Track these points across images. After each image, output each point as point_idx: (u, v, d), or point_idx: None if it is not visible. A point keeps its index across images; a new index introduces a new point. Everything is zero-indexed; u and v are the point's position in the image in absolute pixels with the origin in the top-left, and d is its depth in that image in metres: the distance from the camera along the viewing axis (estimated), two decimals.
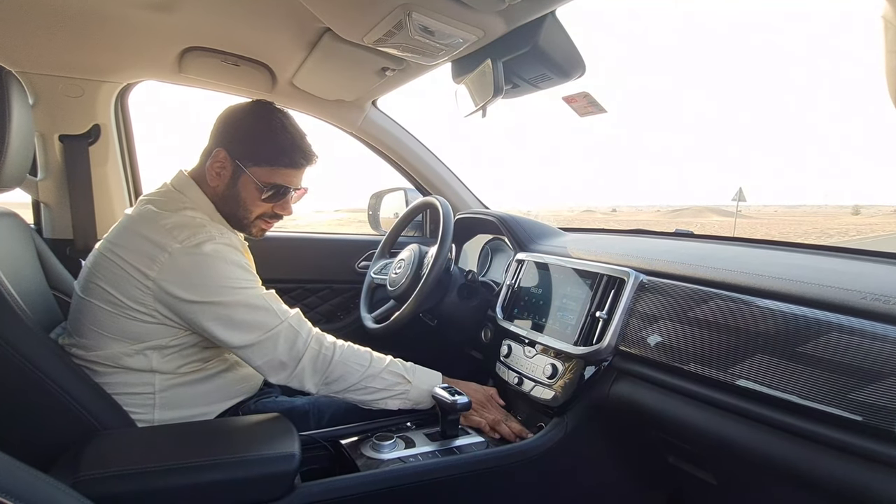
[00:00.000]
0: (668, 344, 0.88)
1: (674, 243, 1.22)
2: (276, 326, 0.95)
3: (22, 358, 0.79)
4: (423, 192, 1.83)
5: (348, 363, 1.00)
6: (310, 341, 0.98)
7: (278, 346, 0.95)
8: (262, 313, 0.95)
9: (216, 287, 0.92)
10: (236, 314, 0.93)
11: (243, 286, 0.95)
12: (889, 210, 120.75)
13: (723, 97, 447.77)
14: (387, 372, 1.03)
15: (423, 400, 1.07)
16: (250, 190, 1.02)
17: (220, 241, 0.94)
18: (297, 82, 1.45)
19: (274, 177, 1.02)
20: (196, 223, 0.95)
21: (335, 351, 1.00)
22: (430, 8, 0.89)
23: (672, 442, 0.95)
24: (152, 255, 0.90)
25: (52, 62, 1.35)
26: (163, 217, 0.95)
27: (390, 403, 1.05)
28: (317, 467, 1.01)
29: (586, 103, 1.10)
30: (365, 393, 1.02)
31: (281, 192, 1.04)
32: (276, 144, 1.02)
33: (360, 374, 1.00)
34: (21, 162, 0.94)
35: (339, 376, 0.99)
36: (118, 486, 0.72)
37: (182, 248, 0.91)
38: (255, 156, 1.01)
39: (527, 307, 1.21)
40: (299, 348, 0.96)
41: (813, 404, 0.68)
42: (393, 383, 1.04)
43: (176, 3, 1.07)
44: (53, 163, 1.46)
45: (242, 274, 0.96)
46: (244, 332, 0.93)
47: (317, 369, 0.98)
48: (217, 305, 0.92)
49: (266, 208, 1.05)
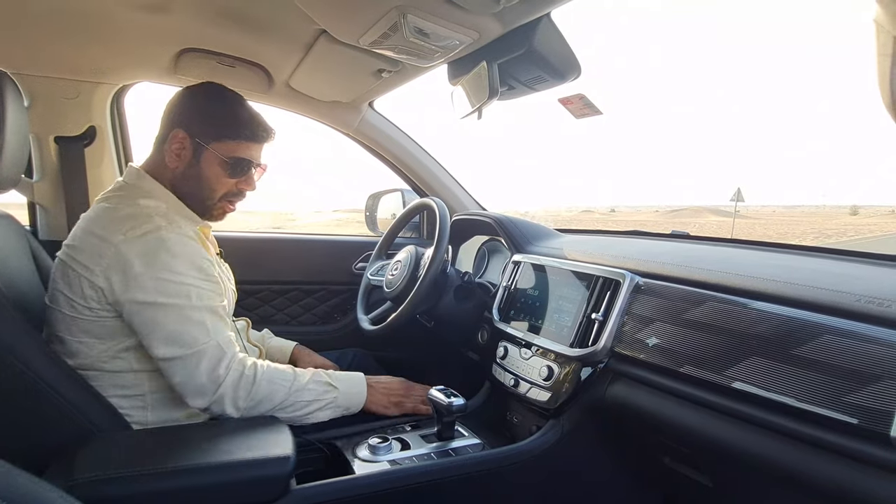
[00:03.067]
0: (663, 346, 0.88)
1: (670, 245, 1.22)
2: (203, 344, 0.89)
3: (16, 360, 0.78)
4: (420, 194, 1.83)
5: (273, 381, 0.95)
6: (232, 364, 0.92)
7: (201, 366, 0.89)
8: (193, 326, 0.89)
9: (154, 283, 0.88)
10: (167, 320, 0.88)
11: (184, 283, 0.90)
12: (887, 210, 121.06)
13: (723, 97, 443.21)
14: (312, 383, 1.00)
15: (353, 404, 1.05)
16: (213, 167, 1.00)
17: (168, 231, 0.91)
18: (293, 84, 1.45)
19: (237, 151, 1.01)
20: (145, 213, 0.93)
21: (257, 371, 0.94)
22: (425, 10, 0.89)
23: (668, 444, 0.95)
24: (100, 250, 0.89)
25: (48, 63, 1.35)
26: (114, 211, 0.93)
27: (320, 415, 1.01)
28: (312, 469, 1.01)
29: (582, 105, 1.10)
30: (294, 409, 0.97)
31: (245, 167, 1.03)
32: (237, 118, 1.01)
33: (287, 389, 0.96)
34: (16, 163, 0.94)
35: (266, 395, 0.94)
36: (113, 490, 0.72)
37: (125, 238, 0.88)
38: (216, 131, 0.99)
39: (523, 309, 1.21)
40: (220, 372, 0.90)
41: (808, 407, 0.68)
42: (321, 392, 1.00)
43: (172, 4, 1.06)
44: (49, 164, 1.46)
45: (185, 269, 0.91)
46: (169, 344, 0.88)
47: (239, 394, 0.92)
48: (151, 307, 0.88)
49: (230, 185, 1.03)
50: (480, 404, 1.29)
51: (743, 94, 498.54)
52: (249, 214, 38.54)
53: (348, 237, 2.00)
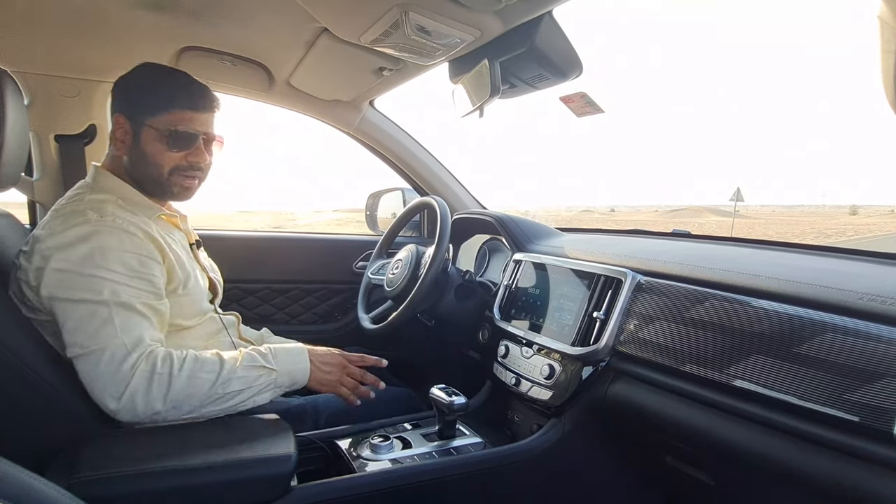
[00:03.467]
0: (665, 344, 0.88)
1: (671, 244, 1.22)
2: (105, 341, 0.83)
3: (17, 358, 0.78)
4: (421, 193, 1.83)
5: (194, 375, 0.86)
6: (139, 363, 0.83)
7: (101, 365, 0.82)
8: (98, 323, 0.83)
9: (64, 277, 0.84)
10: (73, 316, 0.84)
11: (97, 276, 0.85)
12: (886, 210, 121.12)
13: (723, 97, 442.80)
14: (242, 369, 0.91)
15: (297, 379, 0.97)
16: (154, 143, 0.97)
17: (95, 224, 0.88)
18: (294, 82, 1.45)
19: (174, 122, 0.97)
20: (79, 209, 0.90)
21: (173, 366, 0.85)
22: (427, 8, 0.89)
23: (670, 443, 0.95)
24: (33, 248, 0.88)
25: (48, 61, 1.34)
26: (55, 211, 0.92)
27: (259, 399, 0.93)
28: (313, 468, 1.00)
29: (583, 103, 1.10)
30: (224, 400, 0.89)
31: (185, 136, 0.98)
32: (168, 88, 0.98)
33: (211, 382, 0.87)
34: (16, 162, 0.93)
35: (187, 394, 0.85)
36: (114, 488, 0.72)
37: (51, 234, 0.87)
38: (150, 107, 0.97)
39: (524, 307, 1.21)
40: (125, 372, 0.82)
41: (810, 405, 0.68)
42: (254, 378, 0.91)
43: (173, 2, 1.06)
44: (49, 163, 1.45)
45: (104, 262, 0.85)
46: (73, 342, 0.83)
47: (152, 394, 0.83)
48: (60, 302, 0.84)
49: (177, 159, 0.99)
50: (481, 403, 1.29)
51: (743, 94, 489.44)
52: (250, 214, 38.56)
53: (349, 236, 2.00)
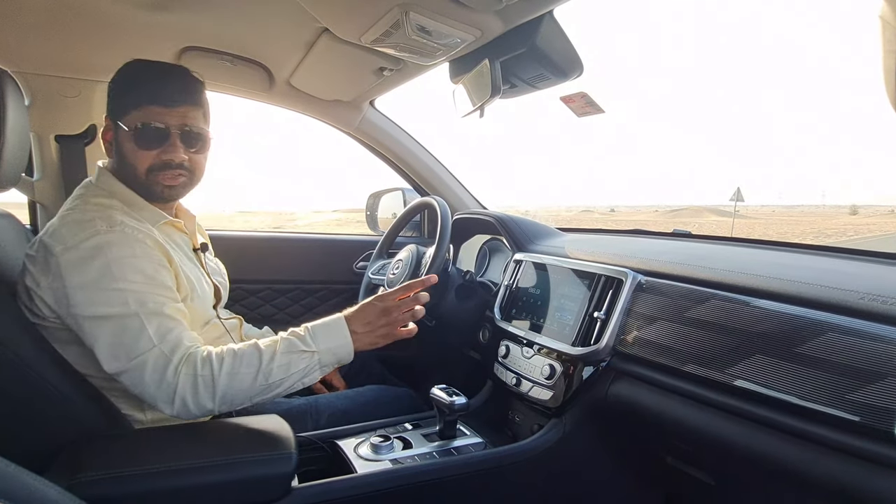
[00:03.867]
0: (666, 344, 0.88)
1: (672, 243, 1.22)
2: (144, 353, 0.82)
3: (17, 359, 0.78)
4: (421, 193, 1.83)
5: (235, 373, 0.85)
6: (181, 368, 0.83)
7: (145, 377, 0.82)
8: (131, 334, 0.82)
9: (89, 295, 0.83)
10: (106, 333, 0.82)
11: (120, 289, 0.83)
12: (886, 210, 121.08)
13: (722, 97, 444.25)
14: (281, 356, 0.88)
15: (341, 355, 0.93)
16: (126, 142, 0.93)
17: (105, 234, 0.86)
18: (294, 82, 1.45)
19: (142, 118, 0.93)
20: (86, 217, 0.88)
21: (213, 367, 0.84)
22: (428, 8, 0.89)
23: (670, 442, 0.95)
24: (45, 261, 0.85)
25: (48, 62, 1.34)
26: (62, 218, 0.90)
27: (307, 380, 0.90)
28: (314, 469, 1.00)
29: (584, 103, 1.10)
30: (271, 389, 0.87)
31: (153, 133, 0.93)
32: (139, 83, 0.94)
33: (254, 374, 0.86)
34: (17, 162, 0.93)
35: (234, 391, 0.85)
36: (114, 489, 0.72)
37: (64, 248, 0.84)
38: (122, 105, 0.94)
39: (525, 308, 1.21)
40: (169, 380, 0.82)
41: (811, 405, 0.68)
42: (295, 363, 0.88)
43: (173, 2, 1.06)
44: (49, 163, 1.45)
45: (122, 273, 0.84)
46: (110, 357, 0.83)
47: (200, 396, 0.83)
48: (89, 321, 0.83)
49: (150, 158, 0.94)
50: (482, 403, 1.29)
51: (743, 94, 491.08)
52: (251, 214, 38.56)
53: (349, 236, 2.00)
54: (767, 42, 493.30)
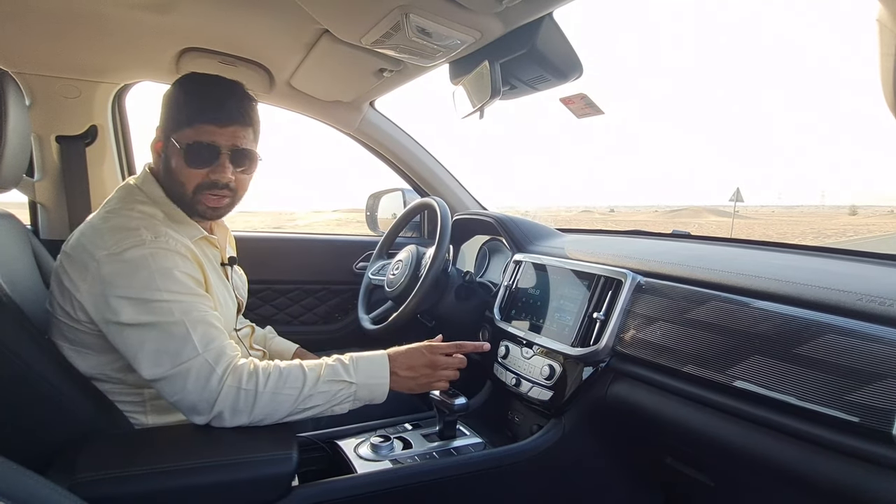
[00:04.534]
0: (665, 345, 0.88)
1: (671, 244, 1.23)
2: (188, 360, 0.82)
3: (18, 359, 0.79)
4: (421, 193, 1.83)
5: (278, 393, 0.85)
6: (226, 378, 0.82)
7: (188, 384, 0.81)
8: (176, 342, 0.82)
9: (132, 301, 0.82)
10: (149, 340, 0.82)
11: (165, 300, 0.83)
12: (886, 210, 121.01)
13: (722, 97, 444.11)
14: (324, 384, 0.89)
15: (375, 396, 0.93)
16: (177, 158, 0.93)
17: (150, 245, 0.86)
18: (294, 83, 1.45)
19: (193, 136, 0.92)
20: (131, 225, 0.88)
21: (258, 383, 0.84)
22: (428, 9, 0.89)
23: (669, 443, 0.95)
24: (85, 264, 0.84)
25: (49, 63, 1.35)
26: (105, 220, 0.89)
27: (338, 409, 0.91)
28: (314, 469, 1.01)
29: (583, 104, 1.10)
30: (304, 412, 0.88)
31: (205, 153, 0.92)
32: (189, 102, 0.94)
33: (294, 398, 0.86)
34: (18, 163, 0.94)
35: (271, 410, 0.85)
36: (115, 489, 0.72)
37: (107, 255, 0.84)
38: (176, 121, 0.93)
39: (524, 308, 1.21)
40: (213, 388, 0.82)
41: (810, 406, 0.68)
42: (334, 392, 0.89)
43: (173, 3, 1.06)
44: (50, 164, 1.46)
45: (167, 284, 0.84)
46: (152, 364, 0.82)
47: (239, 410, 0.83)
48: (131, 328, 0.82)
49: (199, 177, 0.93)
50: (482, 403, 1.29)
51: (742, 94, 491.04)
52: (250, 214, 38.54)
53: (349, 237, 2.00)
54: (767, 42, 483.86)
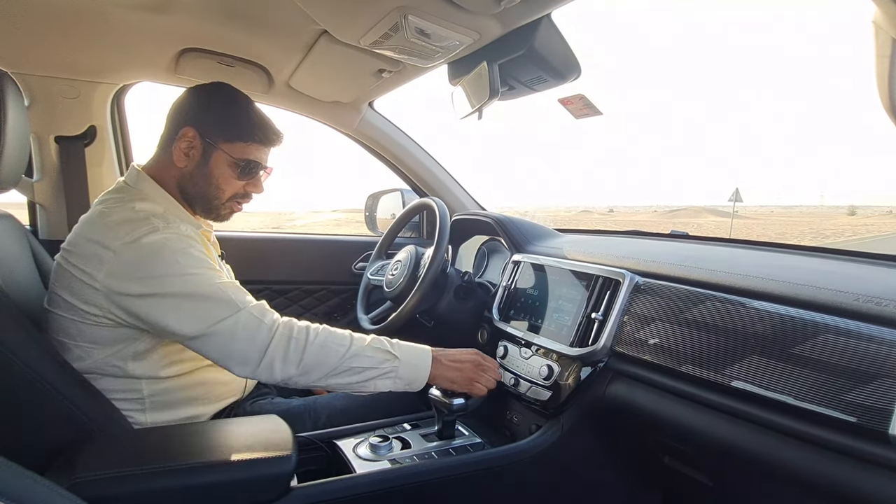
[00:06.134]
0: (663, 345, 0.88)
1: (669, 245, 1.23)
2: (231, 315, 0.87)
3: (16, 359, 0.78)
4: (420, 194, 1.83)
5: (326, 345, 0.91)
6: (276, 328, 0.89)
7: (236, 335, 0.87)
8: (213, 303, 0.88)
9: (160, 277, 0.87)
10: (183, 304, 0.87)
11: (190, 273, 0.88)
12: (885, 210, 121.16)
13: (721, 97, 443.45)
14: (370, 349, 0.94)
15: (417, 379, 0.97)
16: (223, 167, 0.99)
17: (164, 232, 0.90)
18: (293, 84, 1.45)
19: (246, 153, 1.00)
20: (140, 216, 0.91)
21: (309, 334, 0.90)
22: (426, 11, 0.89)
23: (667, 443, 0.95)
24: (98, 255, 0.87)
25: (48, 63, 1.35)
26: (107, 215, 0.92)
27: (380, 385, 0.95)
28: (313, 469, 1.01)
29: (582, 105, 1.10)
30: (349, 374, 0.92)
31: (253, 169, 1.02)
32: (248, 120, 1.00)
33: (341, 355, 0.91)
34: (17, 163, 0.94)
35: (318, 362, 0.90)
36: (114, 488, 0.72)
37: (123, 244, 0.87)
38: (226, 132, 0.98)
39: (523, 308, 1.22)
40: (263, 337, 0.88)
41: (807, 405, 0.68)
42: (380, 360, 0.94)
43: (172, 4, 1.07)
44: (49, 164, 1.46)
45: (190, 262, 0.89)
46: (195, 321, 0.87)
47: (289, 358, 0.88)
48: (161, 297, 0.86)
49: (238, 187, 1.03)
50: (480, 403, 1.29)
51: (742, 93, 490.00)
52: (250, 215, 38.56)
53: (348, 237, 2.00)
54: (767, 42, 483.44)
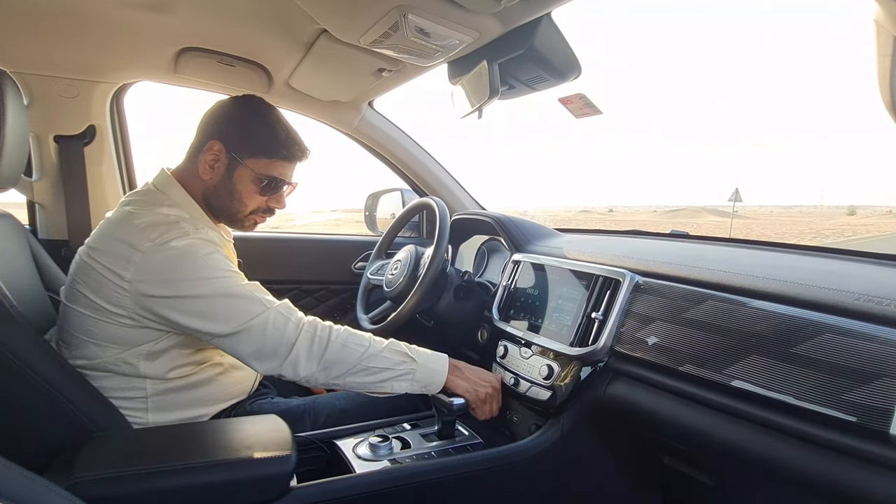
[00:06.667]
0: (663, 345, 0.88)
1: (669, 244, 1.23)
2: (261, 313, 0.91)
3: (16, 359, 0.78)
4: (420, 193, 1.83)
5: (347, 344, 0.95)
6: (302, 326, 0.94)
7: (266, 332, 0.91)
8: (244, 302, 0.91)
9: (190, 280, 0.89)
10: (215, 305, 0.90)
11: (219, 276, 0.91)
12: (884, 210, 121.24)
13: (721, 97, 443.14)
14: (388, 351, 0.98)
15: (433, 382, 1.01)
16: (246, 182, 1.02)
17: (193, 237, 0.92)
18: (293, 83, 1.45)
19: (270, 169, 1.02)
20: (169, 220, 0.93)
21: (331, 333, 0.95)
22: (426, 10, 0.89)
23: (668, 443, 0.95)
24: (126, 256, 0.89)
25: (48, 62, 1.35)
26: (136, 217, 0.93)
27: (396, 386, 0.98)
28: (312, 468, 1.00)
29: (582, 104, 1.10)
30: (367, 374, 0.96)
31: (276, 185, 1.04)
32: (274, 136, 1.02)
33: (360, 354, 0.95)
34: (16, 162, 0.94)
35: (338, 359, 0.94)
36: (114, 488, 0.72)
37: (153, 245, 0.89)
38: (251, 147, 1.01)
39: (523, 308, 1.21)
40: (290, 333, 0.92)
41: (807, 405, 0.68)
42: (397, 362, 0.98)
43: (172, 3, 1.06)
44: (48, 163, 1.46)
45: (218, 265, 0.92)
46: (225, 322, 0.90)
47: (313, 354, 0.93)
48: (193, 298, 0.89)
49: (261, 202, 1.05)
50: None
51: (742, 93, 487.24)
52: None
53: (348, 237, 2.00)
54: (766, 42, 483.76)
